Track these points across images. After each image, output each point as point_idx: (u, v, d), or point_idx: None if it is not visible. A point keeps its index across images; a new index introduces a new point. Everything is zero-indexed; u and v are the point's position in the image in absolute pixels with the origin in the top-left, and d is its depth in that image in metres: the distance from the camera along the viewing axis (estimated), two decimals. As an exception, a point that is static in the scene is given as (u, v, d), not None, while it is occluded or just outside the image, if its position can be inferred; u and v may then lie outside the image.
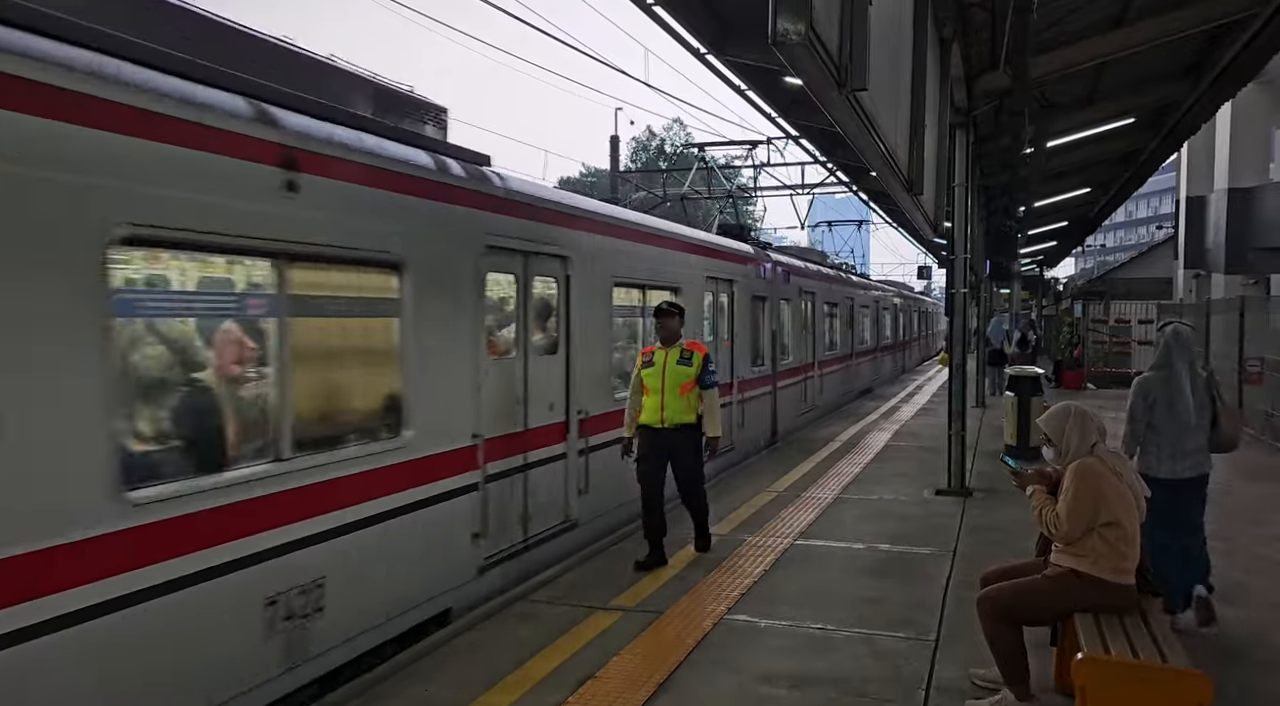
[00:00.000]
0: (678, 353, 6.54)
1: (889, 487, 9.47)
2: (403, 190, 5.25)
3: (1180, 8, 9.53)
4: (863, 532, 7.51)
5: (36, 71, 3.28)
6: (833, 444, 12.62)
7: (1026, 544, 5.67)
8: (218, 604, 3.97)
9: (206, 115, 3.97)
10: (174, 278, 4.10)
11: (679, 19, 9.06)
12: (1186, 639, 4.29)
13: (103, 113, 3.52)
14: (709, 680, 4.52)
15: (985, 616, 4.09)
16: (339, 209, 4.77)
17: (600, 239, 7.81)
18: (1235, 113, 18.86)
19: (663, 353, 6.57)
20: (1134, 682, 3.43)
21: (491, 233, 6.13)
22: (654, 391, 6.50)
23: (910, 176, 6.47)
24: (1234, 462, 11.04)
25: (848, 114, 4.31)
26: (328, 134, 4.74)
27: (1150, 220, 70.10)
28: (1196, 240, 21.95)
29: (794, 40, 3.13)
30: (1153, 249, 34.51)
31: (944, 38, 7.80)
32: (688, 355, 6.53)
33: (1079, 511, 4.00)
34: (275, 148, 4.34)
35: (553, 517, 6.95)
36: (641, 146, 55.15)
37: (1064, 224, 27.98)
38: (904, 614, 5.47)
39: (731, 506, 8.44)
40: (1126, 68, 11.72)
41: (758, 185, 25.96)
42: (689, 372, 6.49)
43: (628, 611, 5.54)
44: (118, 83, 3.61)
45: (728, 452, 10.52)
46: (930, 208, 8.32)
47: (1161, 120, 14.98)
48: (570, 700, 4.27)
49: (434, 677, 4.58)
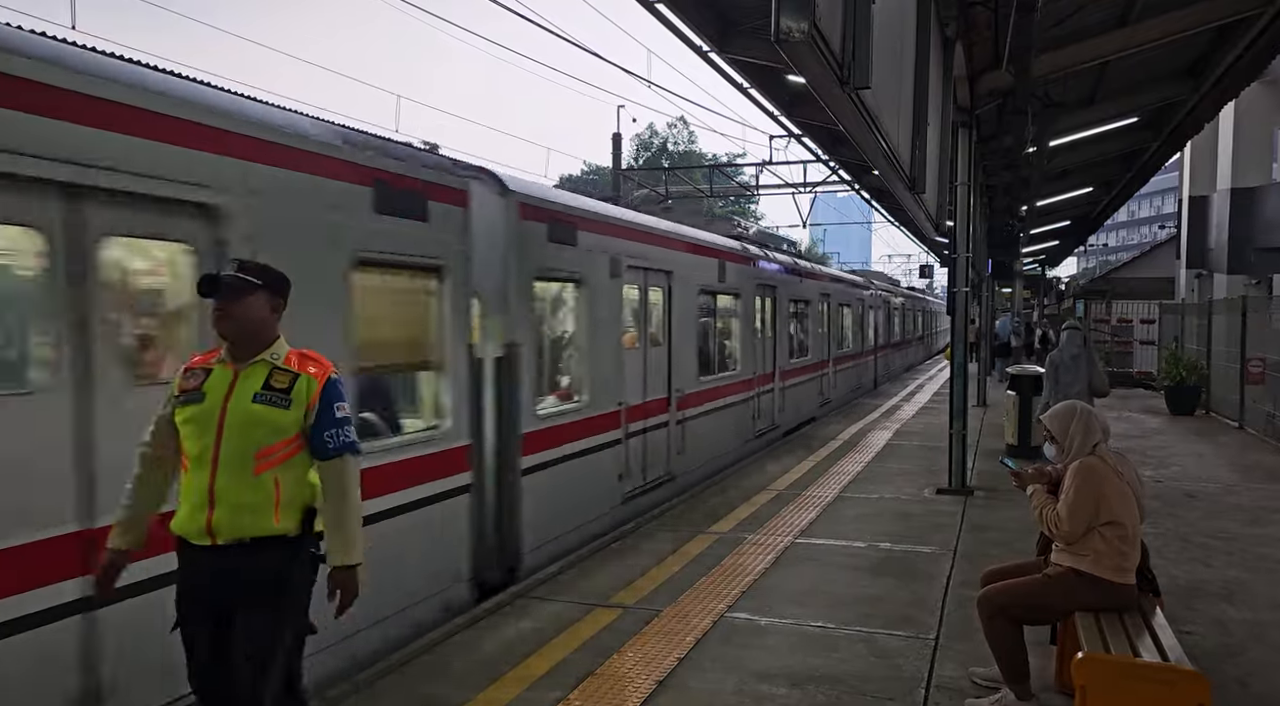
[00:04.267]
0: (262, 374, 3.10)
1: (890, 486, 9.47)
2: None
3: (1184, 7, 9.50)
4: (863, 531, 7.51)
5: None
6: (834, 442, 12.62)
7: (1027, 543, 5.68)
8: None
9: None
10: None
11: (682, 16, 9.06)
12: (1187, 638, 4.29)
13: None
14: (709, 678, 4.52)
15: (985, 615, 4.10)
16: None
17: (690, 256, 10.03)
18: (1238, 113, 18.80)
19: (228, 373, 3.11)
20: (1134, 682, 3.42)
21: (629, 255, 8.42)
22: (197, 460, 3.04)
23: (913, 175, 6.47)
24: (1235, 463, 11.06)
25: (850, 112, 4.31)
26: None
27: (1153, 220, 69.99)
28: (1199, 240, 21.89)
29: (797, 38, 3.13)
30: (1155, 249, 34.42)
31: (947, 36, 7.79)
32: (286, 382, 3.10)
33: (1080, 511, 4.00)
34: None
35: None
36: (644, 144, 55.11)
37: (1066, 223, 27.95)
38: (904, 613, 5.47)
39: (732, 504, 8.46)
40: (1129, 67, 11.70)
41: (759, 184, 25.98)
42: (284, 421, 3.06)
43: (628, 608, 5.54)
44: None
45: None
46: (932, 206, 8.32)
47: (1164, 120, 14.95)
48: (570, 697, 4.28)
49: (434, 675, 4.58)
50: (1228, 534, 7.46)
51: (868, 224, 50.07)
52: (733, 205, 52.76)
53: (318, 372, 3.17)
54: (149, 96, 3.80)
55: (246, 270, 3.15)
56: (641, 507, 8.34)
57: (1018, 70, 8.96)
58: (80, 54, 3.77)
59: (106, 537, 3.14)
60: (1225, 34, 10.76)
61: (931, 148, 7.41)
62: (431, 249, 5.56)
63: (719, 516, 7.99)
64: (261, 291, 3.14)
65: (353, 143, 5.05)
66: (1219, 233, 19.93)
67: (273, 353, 3.16)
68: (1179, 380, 16.42)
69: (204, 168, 4.00)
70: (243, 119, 4.30)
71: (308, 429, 3.11)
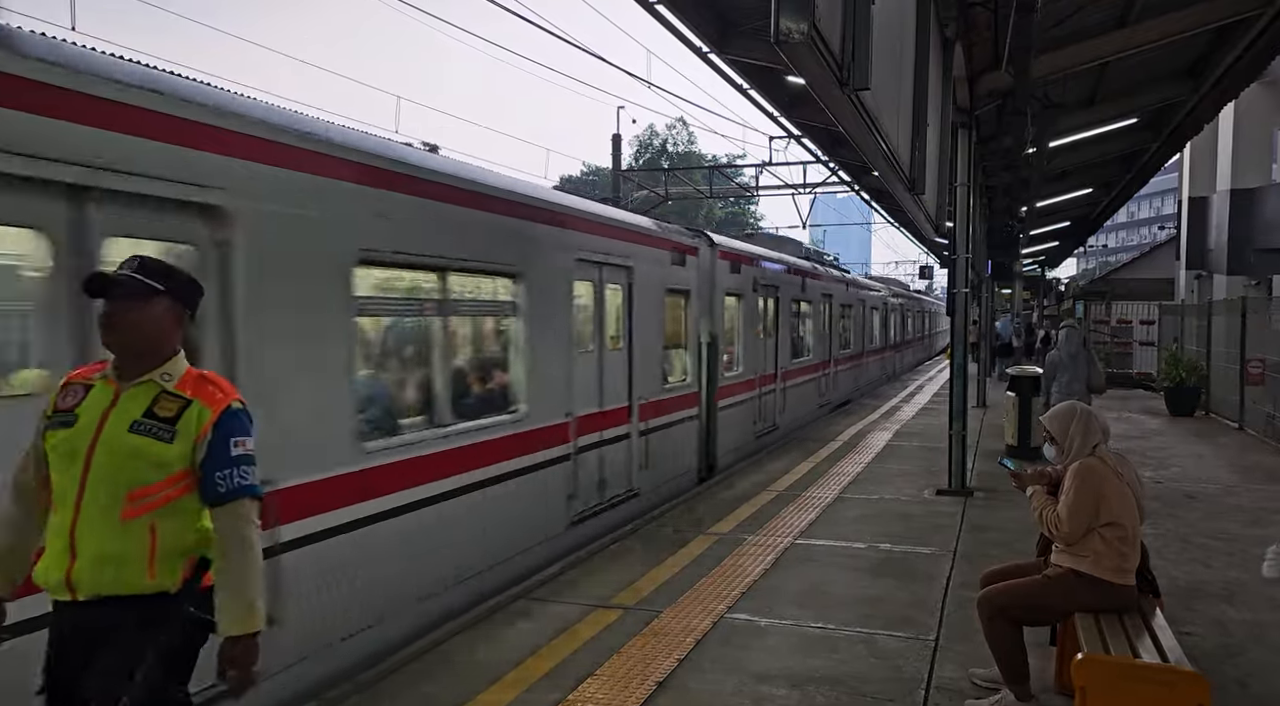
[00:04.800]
0: (147, 398, 2.58)
1: (890, 487, 9.47)
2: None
3: (1183, 8, 9.51)
4: (863, 532, 7.50)
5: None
6: (833, 442, 12.62)
7: (1027, 544, 5.67)
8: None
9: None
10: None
11: (681, 17, 9.06)
12: (1186, 639, 4.29)
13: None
14: (708, 679, 4.52)
15: (985, 616, 4.09)
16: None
17: (783, 271, 13.72)
18: (1238, 113, 18.80)
19: (108, 392, 2.60)
20: (1134, 683, 3.42)
21: (761, 277, 12.32)
22: (60, 497, 2.55)
23: (912, 176, 6.47)
24: (1235, 464, 11.05)
25: (850, 113, 4.31)
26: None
27: (1152, 221, 69.99)
28: (1198, 241, 21.89)
29: (797, 39, 3.13)
30: (1155, 249, 34.41)
31: (946, 37, 7.80)
32: (173, 410, 2.58)
33: (1080, 512, 3.99)
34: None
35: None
36: (644, 145, 55.11)
37: (1066, 224, 27.94)
38: (904, 613, 5.46)
39: (733, 504, 8.46)
40: (1129, 68, 11.71)
41: (759, 185, 25.98)
42: (167, 455, 2.54)
43: (628, 609, 5.54)
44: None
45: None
46: (932, 207, 8.32)
47: (1164, 121, 14.96)
48: (569, 698, 4.28)
49: (434, 676, 4.58)
50: (1228, 535, 7.46)
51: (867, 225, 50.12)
52: (732, 206, 52.78)
53: (213, 401, 2.60)
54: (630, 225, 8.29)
55: (148, 270, 2.60)
56: (767, 441, 12.79)
57: (1017, 71, 8.96)
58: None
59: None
60: (1225, 35, 10.76)
61: (931, 148, 7.41)
62: (684, 281, 9.89)
63: (722, 515, 8.00)
64: (163, 297, 2.59)
65: (664, 228, 9.83)
66: (1219, 233, 19.93)
67: (165, 372, 2.59)
68: (1179, 381, 16.42)
69: (621, 249, 8.28)
70: (632, 228, 8.80)
71: (197, 466, 2.56)
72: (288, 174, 4.47)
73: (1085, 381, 8.99)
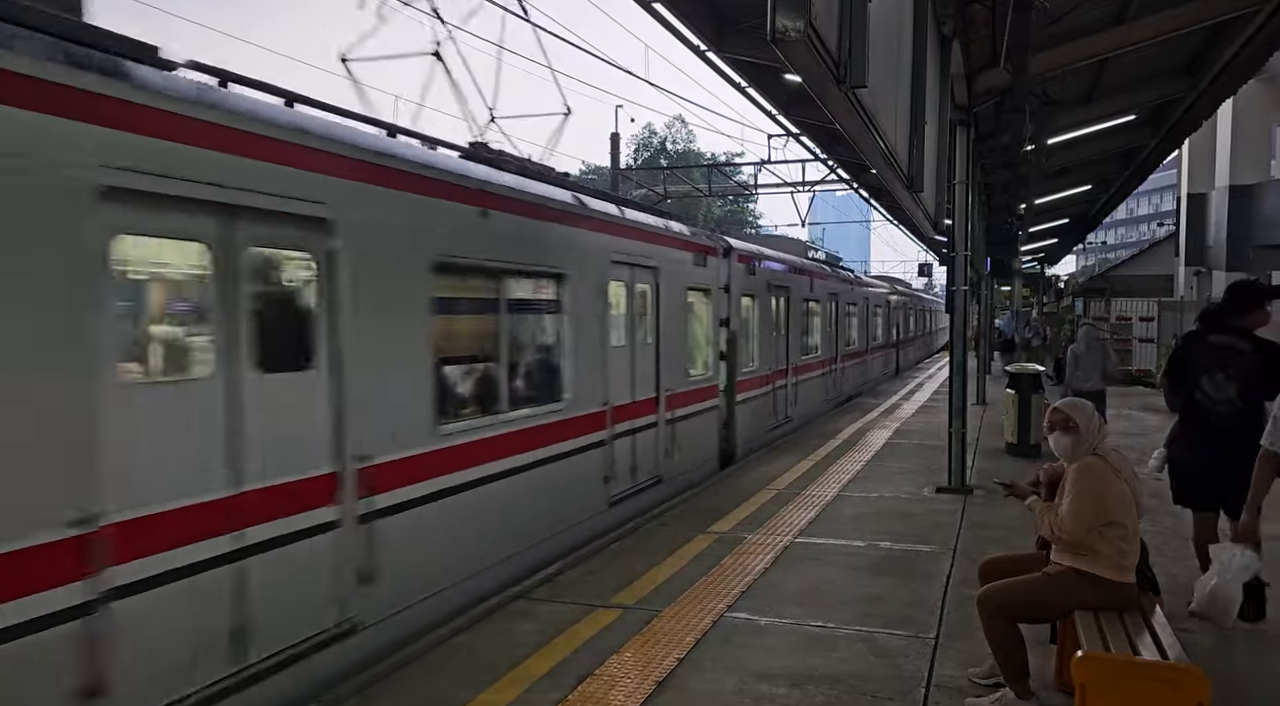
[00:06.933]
0: None
1: (889, 485, 9.47)
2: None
3: (1180, 5, 9.50)
4: (863, 530, 7.50)
5: None
6: (833, 441, 12.62)
7: (1026, 541, 5.66)
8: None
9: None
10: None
11: (679, 15, 9.06)
12: (1186, 636, 4.29)
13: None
14: (708, 678, 4.51)
15: (985, 614, 4.09)
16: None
17: (792, 274, 14.32)
18: (1236, 109, 18.82)
19: None
20: (1134, 680, 3.42)
21: (773, 278, 13.03)
22: None
23: (910, 174, 6.45)
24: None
25: (847, 111, 4.30)
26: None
27: (1151, 217, 69.99)
28: (1197, 237, 21.90)
29: (793, 37, 3.12)
30: (1154, 246, 34.45)
31: (944, 34, 7.78)
32: None
33: (1083, 513, 3.99)
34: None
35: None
36: (643, 144, 55.05)
37: (1065, 221, 27.95)
38: (904, 612, 5.46)
39: (734, 503, 8.45)
40: (1127, 64, 11.70)
41: (758, 183, 25.97)
42: None
43: (628, 609, 5.54)
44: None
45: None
46: (931, 205, 8.30)
47: (1162, 117, 14.95)
48: (569, 698, 4.27)
49: (434, 676, 4.58)
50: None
51: (866, 222, 50.06)
52: (731, 204, 52.75)
53: None
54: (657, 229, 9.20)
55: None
56: (780, 432, 13.52)
57: (1015, 68, 8.95)
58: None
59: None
60: (1222, 31, 10.76)
61: (929, 146, 7.39)
62: (706, 281, 10.43)
63: (721, 515, 7.99)
64: None
65: (696, 233, 10.61)
66: (1217, 230, 19.94)
67: None
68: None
69: (649, 251, 8.82)
70: (659, 231, 9.17)
71: None
72: (382, 191, 5.05)
73: (1102, 370, 10.56)
